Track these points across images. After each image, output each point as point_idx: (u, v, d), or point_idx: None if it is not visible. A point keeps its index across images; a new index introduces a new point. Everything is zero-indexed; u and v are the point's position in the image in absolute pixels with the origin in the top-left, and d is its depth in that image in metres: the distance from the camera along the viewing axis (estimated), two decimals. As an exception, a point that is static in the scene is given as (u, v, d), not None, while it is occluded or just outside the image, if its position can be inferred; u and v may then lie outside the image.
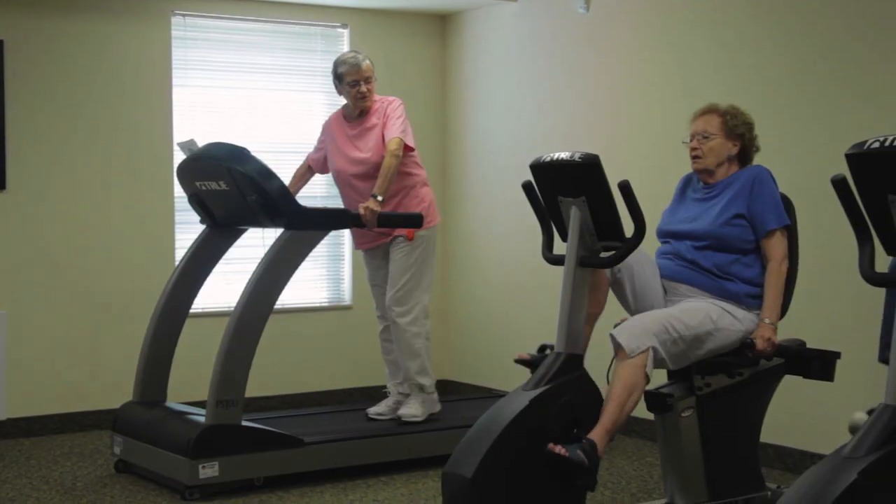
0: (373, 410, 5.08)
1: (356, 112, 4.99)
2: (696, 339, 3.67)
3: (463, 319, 6.71)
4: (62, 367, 5.72)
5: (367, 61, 4.95)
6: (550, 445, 3.39)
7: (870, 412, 2.87)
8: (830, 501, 2.45)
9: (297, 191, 5.13)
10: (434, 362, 5.25)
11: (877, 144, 2.59)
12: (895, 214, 2.61)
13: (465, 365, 6.65)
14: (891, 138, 2.56)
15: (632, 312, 3.84)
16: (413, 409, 4.95)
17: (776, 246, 3.82)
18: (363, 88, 4.91)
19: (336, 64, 4.99)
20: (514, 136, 6.28)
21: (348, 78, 4.91)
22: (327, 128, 5.13)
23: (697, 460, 3.91)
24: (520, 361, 3.84)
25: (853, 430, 2.93)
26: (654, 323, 3.61)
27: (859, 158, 2.64)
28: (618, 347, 3.57)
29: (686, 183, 4.13)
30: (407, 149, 4.88)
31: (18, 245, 5.64)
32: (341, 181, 5.06)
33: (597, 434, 3.48)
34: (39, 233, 5.69)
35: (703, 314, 3.71)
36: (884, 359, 2.94)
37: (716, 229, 3.85)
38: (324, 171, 5.19)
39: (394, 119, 4.89)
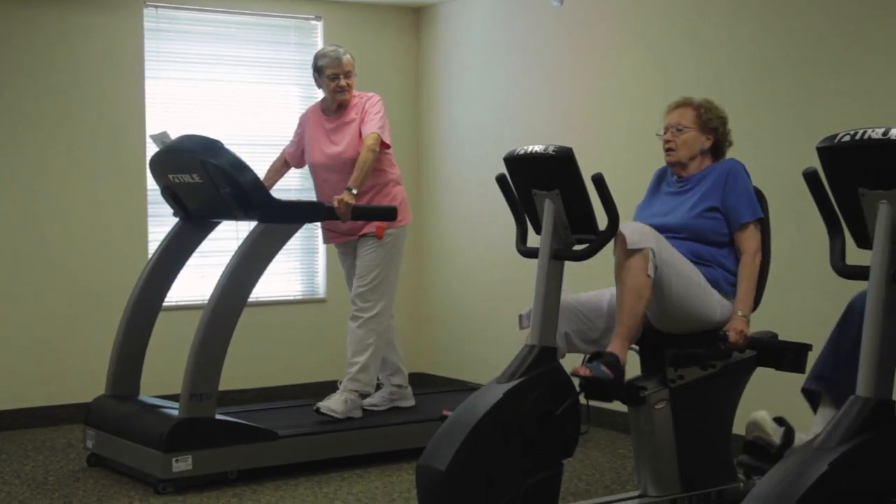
0: (368, 402, 5.04)
1: (334, 106, 4.98)
2: (686, 279, 3.67)
3: (437, 312, 6.71)
4: (34, 361, 5.68)
5: (348, 55, 4.94)
6: (574, 368, 3.46)
7: (776, 419, 2.92)
8: (801, 493, 2.46)
9: (272, 184, 5.12)
10: (408, 355, 5.26)
11: (847, 138, 2.60)
12: (865, 208, 2.63)
13: (439, 358, 6.65)
14: (861, 132, 2.57)
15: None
16: (334, 405, 4.85)
17: (749, 239, 3.85)
18: (342, 82, 4.90)
19: (316, 57, 4.98)
20: (488, 129, 6.28)
21: (328, 71, 4.90)
22: (304, 121, 5.12)
23: (670, 452, 3.93)
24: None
25: (751, 428, 2.98)
26: (657, 236, 3.65)
27: (830, 152, 2.65)
28: (622, 240, 3.59)
29: (659, 177, 4.15)
30: (383, 145, 4.87)
31: (-11, 238, 5.60)
32: (316, 174, 5.05)
33: (616, 346, 3.54)
34: (11, 225, 5.65)
35: (698, 272, 3.75)
36: (808, 388, 2.96)
37: (690, 221, 3.87)
38: (300, 164, 5.18)
39: (372, 115, 4.88)
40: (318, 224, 6.16)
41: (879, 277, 2.60)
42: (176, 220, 4.90)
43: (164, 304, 4.98)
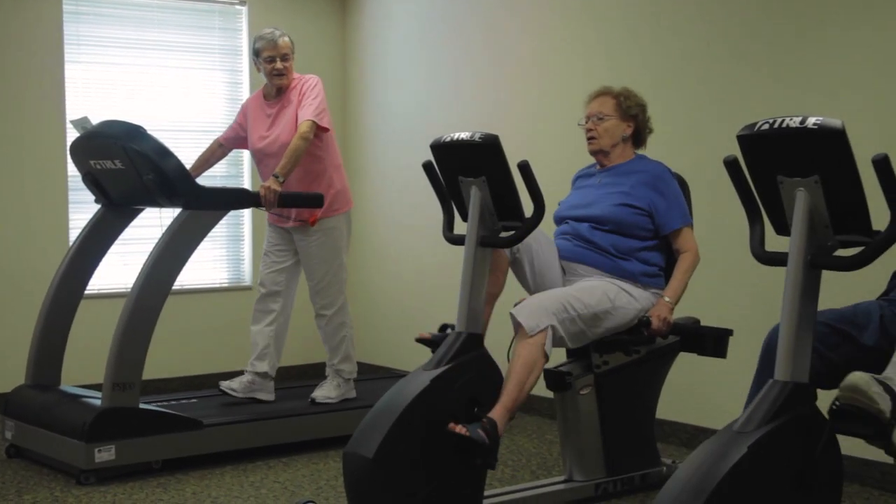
0: (226, 384, 4.98)
1: (274, 90, 4.93)
2: (594, 318, 3.72)
3: (364, 300, 6.70)
4: (-49, 351, 5.55)
5: (286, 38, 4.89)
6: (451, 425, 3.41)
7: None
8: (722, 475, 2.51)
9: (200, 173, 5.05)
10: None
11: (766, 126, 2.64)
12: (784, 195, 2.68)
13: (366, 345, 6.64)
14: (779, 120, 2.62)
15: (531, 292, 3.88)
16: (328, 392, 4.99)
17: (687, 241, 3.95)
18: (279, 65, 4.85)
19: (254, 40, 4.94)
20: (416, 116, 6.28)
21: (264, 54, 4.85)
22: (246, 107, 5.08)
23: (596, 437, 3.98)
24: (420, 341, 3.87)
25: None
26: (552, 302, 3.65)
27: (750, 140, 2.69)
28: (518, 326, 3.60)
29: (579, 177, 4.22)
30: (321, 129, 4.82)
31: None
32: (258, 160, 5.02)
33: (497, 413, 3.51)
34: (-75, 212, 5.51)
35: (601, 293, 3.77)
36: None
37: (615, 214, 3.92)
38: (236, 146, 5.13)
39: (310, 99, 4.82)
40: (244, 211, 6.12)
41: (797, 263, 2.65)
42: (98, 206, 4.82)
43: (86, 292, 4.90)
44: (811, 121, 2.55)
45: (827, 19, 4.27)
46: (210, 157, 5.13)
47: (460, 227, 3.74)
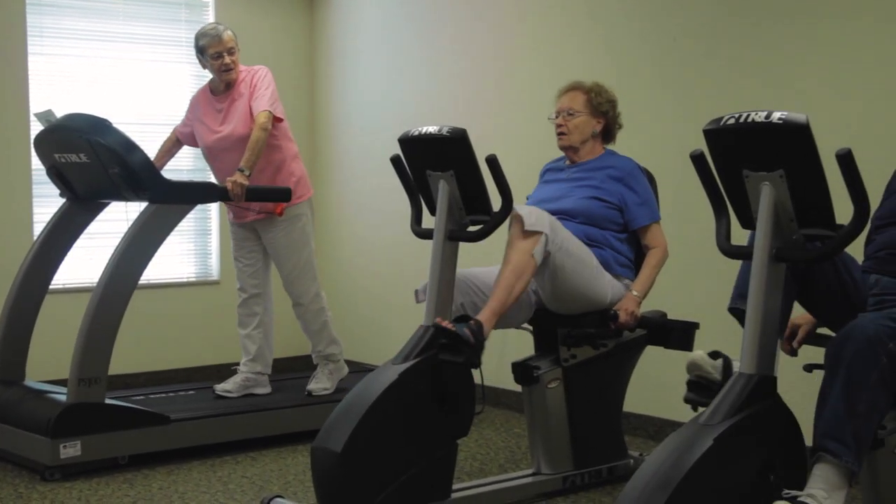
0: (220, 387, 5.01)
1: (222, 85, 4.90)
2: (579, 262, 3.73)
3: (331, 294, 6.66)
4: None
5: (229, 32, 4.85)
6: (438, 319, 3.47)
7: (711, 354, 3.00)
8: (688, 467, 2.53)
9: (164, 164, 5.02)
10: (303, 337, 5.23)
11: (732, 121, 2.66)
12: (749, 189, 2.70)
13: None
14: (745, 115, 2.64)
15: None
16: (322, 383, 5.00)
17: (657, 236, 3.98)
18: (227, 60, 4.82)
19: (197, 37, 4.88)
20: (383, 110, 6.27)
21: (210, 50, 4.81)
22: (194, 103, 5.03)
23: (563, 430, 4.00)
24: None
25: (691, 368, 3.05)
26: (553, 221, 3.68)
27: (716, 134, 2.71)
28: (518, 219, 3.61)
29: (547, 171, 4.23)
30: (276, 120, 4.81)
31: None
32: (211, 156, 4.97)
33: (484, 315, 3.54)
34: None
35: (591, 254, 3.79)
36: (734, 307, 3.04)
37: (586, 207, 3.93)
38: (193, 144, 5.09)
39: (262, 90, 4.80)
40: (211, 205, 6.09)
41: (762, 256, 2.68)
42: (62, 200, 4.78)
43: (51, 286, 4.85)
44: (776, 115, 2.58)
45: (794, 14, 4.29)
46: (172, 148, 5.10)
47: (429, 221, 3.74)
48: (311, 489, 3.60)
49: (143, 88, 6.13)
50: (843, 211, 2.64)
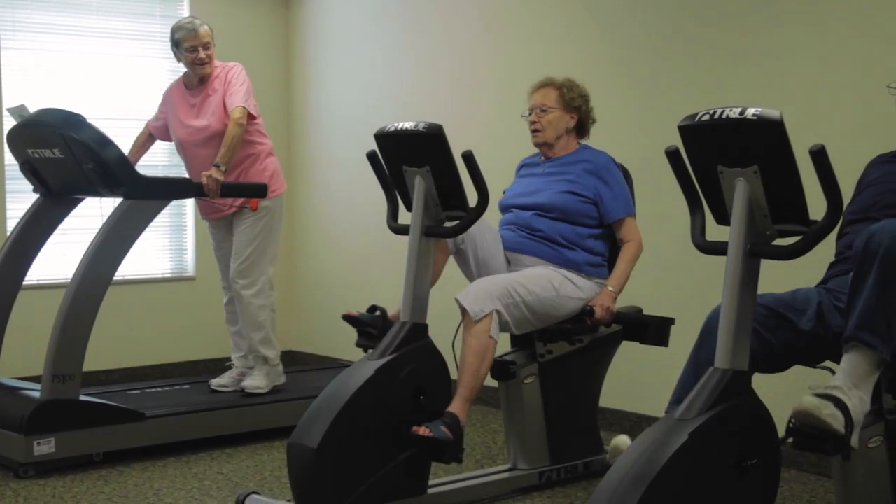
0: (216, 382, 5.03)
1: (196, 79, 4.88)
2: (538, 304, 3.75)
3: (309, 289, 6.67)
4: None
5: (206, 26, 4.84)
6: (414, 428, 3.44)
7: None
8: (663, 462, 2.54)
9: (137, 159, 5.00)
10: (279, 333, 5.21)
11: (707, 117, 2.67)
12: (724, 185, 2.71)
13: (310, 335, 6.62)
14: (720, 111, 2.65)
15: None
16: (257, 381, 4.92)
17: (632, 230, 3.99)
18: (202, 54, 4.80)
19: (173, 30, 4.86)
20: (360, 105, 6.26)
21: (185, 44, 4.80)
22: (168, 97, 5.01)
23: (540, 426, 4.01)
24: (347, 318, 3.86)
25: (614, 454, 3.07)
26: (496, 287, 3.68)
27: (691, 130, 2.72)
28: (463, 311, 3.62)
29: (523, 166, 4.24)
30: (250, 117, 4.80)
31: None
32: (184, 151, 4.96)
33: (457, 406, 3.55)
34: None
35: (546, 280, 3.80)
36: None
37: (561, 201, 3.94)
38: (165, 138, 5.07)
39: (236, 86, 4.79)
40: (187, 201, 6.06)
41: (737, 252, 2.69)
42: (36, 196, 4.74)
43: (25, 283, 4.82)
44: (750, 112, 2.58)
45: (767, 11, 4.32)
46: (146, 143, 5.08)
47: (405, 216, 3.74)
48: (287, 485, 3.60)
49: (117, 83, 6.10)
50: (817, 206, 2.65)
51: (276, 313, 5.02)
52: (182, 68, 4.97)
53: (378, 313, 3.80)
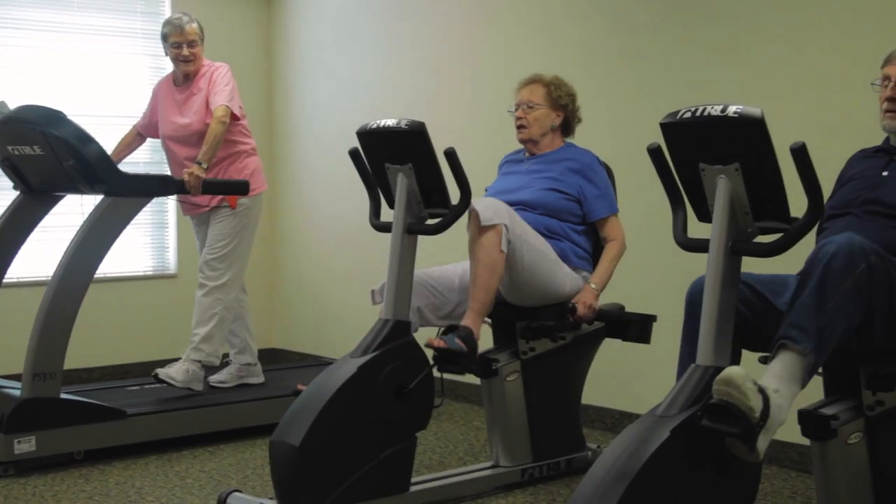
0: (214, 379, 5.01)
1: (182, 76, 4.89)
2: (538, 253, 3.74)
3: (290, 287, 6.66)
4: None
5: (194, 24, 4.83)
6: (429, 340, 3.49)
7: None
8: (646, 458, 2.54)
9: (122, 158, 5.00)
10: (261, 330, 5.21)
11: (688, 115, 2.68)
12: (705, 182, 2.72)
13: (292, 333, 6.60)
14: (701, 109, 2.65)
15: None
16: (175, 373, 4.77)
17: (615, 228, 4.00)
18: (185, 52, 4.79)
19: (163, 24, 4.90)
20: (343, 102, 6.25)
21: (171, 39, 4.81)
22: (156, 92, 5.03)
23: (522, 423, 4.02)
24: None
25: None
26: (510, 211, 3.70)
27: (672, 128, 2.73)
28: (475, 215, 3.62)
29: (506, 163, 4.24)
30: (233, 117, 4.79)
31: None
32: (167, 147, 4.97)
33: (470, 320, 3.57)
34: None
35: (549, 248, 3.82)
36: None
37: (545, 198, 3.95)
38: (154, 135, 5.06)
39: (220, 86, 4.79)
40: (168, 198, 6.04)
41: (718, 249, 2.70)
42: (16, 193, 4.72)
43: (5, 280, 4.78)
44: (732, 109, 2.60)
45: (749, 8, 4.33)
46: (132, 142, 5.08)
47: (387, 214, 3.74)
48: (270, 483, 3.59)
49: (98, 80, 6.07)
50: (797, 204, 2.66)
51: (230, 314, 4.92)
52: (166, 66, 4.96)
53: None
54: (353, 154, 3.78)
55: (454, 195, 3.62)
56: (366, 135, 3.69)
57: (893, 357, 2.86)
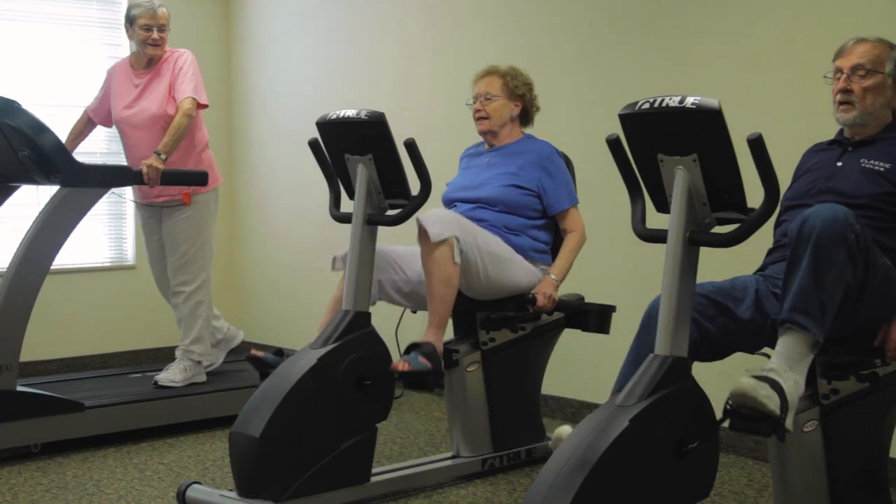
0: (163, 376, 4.92)
1: (144, 60, 4.81)
2: (491, 259, 3.75)
3: (251, 278, 6.63)
4: None
5: (164, 9, 4.78)
6: (393, 364, 3.48)
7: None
8: (604, 448, 2.56)
9: (75, 147, 4.92)
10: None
11: (647, 106, 2.69)
12: (664, 173, 2.74)
13: (253, 324, 6.57)
14: (659, 100, 2.67)
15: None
16: (172, 375, 4.84)
17: (575, 220, 4.02)
18: (155, 35, 4.73)
19: (130, 6, 4.81)
20: (302, 94, 6.22)
21: (141, 21, 4.73)
22: (112, 75, 4.93)
23: (482, 413, 4.03)
24: (251, 359, 3.79)
25: (556, 444, 3.10)
26: (458, 220, 3.70)
27: (630, 119, 2.74)
28: (423, 233, 3.62)
29: (467, 156, 4.24)
30: (200, 106, 4.74)
31: None
32: (123, 132, 4.89)
33: (431, 335, 3.60)
34: None
35: (502, 244, 3.83)
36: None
37: (504, 195, 3.95)
38: (106, 123, 4.99)
39: (187, 76, 4.72)
40: (126, 189, 5.98)
41: (676, 240, 2.72)
42: (-29, 184, 4.66)
43: (-40, 272, 4.74)
44: (689, 100, 2.61)
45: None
46: (84, 130, 5.00)
47: (348, 205, 3.73)
48: (230, 475, 3.58)
49: (53, 69, 6.00)
50: (756, 195, 2.69)
51: (211, 310, 4.98)
52: (123, 53, 4.89)
53: (285, 357, 3.71)
54: (313, 145, 3.77)
55: (415, 186, 3.62)
56: (325, 125, 3.68)
57: (848, 346, 2.90)
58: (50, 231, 4.31)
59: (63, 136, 4.61)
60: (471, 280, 3.76)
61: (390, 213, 3.71)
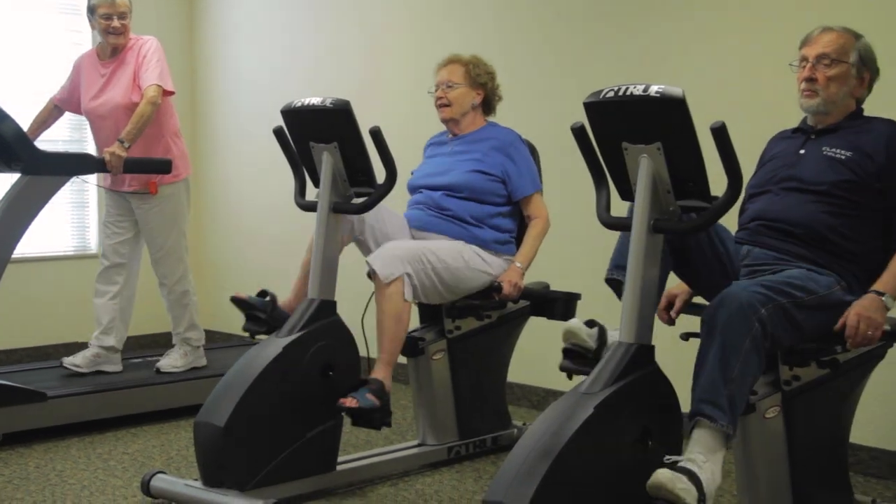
0: (69, 361, 4.85)
1: (109, 49, 4.77)
2: (447, 273, 3.76)
3: (216, 267, 6.60)
4: None
5: None
6: (340, 400, 3.44)
7: (587, 322, 3.06)
8: (570, 435, 2.58)
9: (38, 135, 4.87)
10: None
11: (611, 94, 2.70)
12: (628, 161, 2.75)
13: (219, 313, 6.54)
14: (624, 88, 2.68)
15: None
16: (173, 360, 4.94)
17: (538, 206, 4.01)
18: (116, 23, 4.68)
19: None
20: (266, 82, 6.19)
21: (101, 10, 4.68)
22: (79, 65, 4.88)
23: (448, 401, 4.04)
24: (235, 300, 3.84)
25: (566, 336, 3.10)
26: (407, 252, 3.68)
27: (595, 107, 2.75)
28: (373, 273, 3.62)
29: (431, 144, 4.24)
30: (167, 92, 4.70)
31: None
32: (91, 122, 4.85)
33: (380, 371, 3.56)
34: None
35: (456, 252, 3.81)
36: (611, 278, 3.08)
37: (470, 181, 3.95)
38: (74, 110, 4.94)
39: (152, 63, 4.68)
40: (89, 177, 5.92)
41: (641, 228, 2.73)
42: (-70, 172, 4.59)
43: (-81, 261, 4.67)
44: (653, 89, 2.62)
45: (671, -10, 4.38)
46: (48, 118, 4.94)
47: (313, 193, 3.72)
48: (195, 464, 3.57)
49: (14, 56, 5.92)
50: (718, 183, 2.70)
51: (195, 295, 5.03)
52: (85, 40, 4.84)
53: (268, 298, 3.78)
54: (278, 133, 3.75)
55: (380, 174, 3.61)
56: (290, 113, 3.66)
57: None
58: (11, 220, 4.25)
59: (23, 123, 4.55)
60: (432, 297, 3.80)
61: (356, 201, 3.70)
